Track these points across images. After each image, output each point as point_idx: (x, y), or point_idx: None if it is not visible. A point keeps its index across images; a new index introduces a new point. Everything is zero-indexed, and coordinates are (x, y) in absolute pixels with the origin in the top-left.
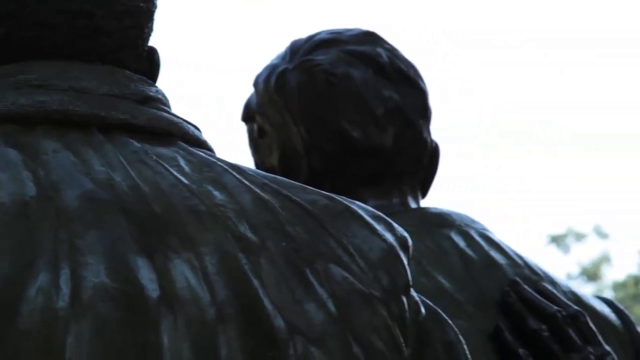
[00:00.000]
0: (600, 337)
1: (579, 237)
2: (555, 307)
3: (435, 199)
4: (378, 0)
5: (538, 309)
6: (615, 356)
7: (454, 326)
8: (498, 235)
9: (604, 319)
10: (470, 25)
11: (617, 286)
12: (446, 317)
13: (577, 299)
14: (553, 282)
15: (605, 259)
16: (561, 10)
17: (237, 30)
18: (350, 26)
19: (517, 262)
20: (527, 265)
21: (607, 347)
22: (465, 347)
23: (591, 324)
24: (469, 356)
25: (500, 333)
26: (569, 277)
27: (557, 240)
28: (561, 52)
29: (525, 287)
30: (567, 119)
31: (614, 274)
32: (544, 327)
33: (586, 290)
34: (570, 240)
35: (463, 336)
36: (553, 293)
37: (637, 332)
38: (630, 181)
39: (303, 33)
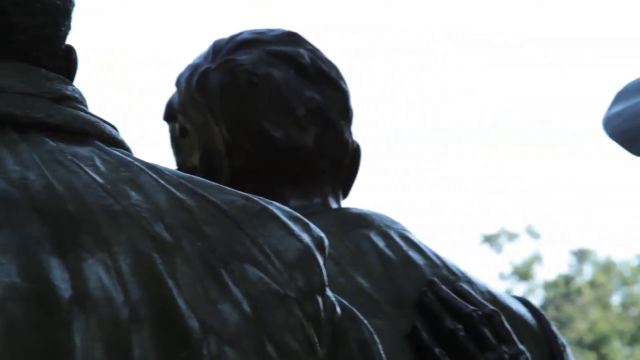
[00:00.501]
0: (515, 337)
1: (512, 236)
2: (471, 307)
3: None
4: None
5: (454, 309)
6: (529, 355)
7: (369, 326)
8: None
9: (519, 319)
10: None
11: (548, 285)
12: (361, 317)
13: (493, 298)
14: (470, 282)
15: (536, 258)
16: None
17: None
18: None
19: (435, 262)
20: (445, 265)
21: (522, 347)
22: (379, 346)
23: (506, 324)
24: (383, 355)
25: (417, 333)
26: (502, 276)
27: (490, 239)
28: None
29: (443, 287)
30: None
31: (546, 273)
32: (460, 326)
33: (518, 290)
34: (502, 240)
35: (380, 336)
36: (470, 293)
37: (552, 331)
38: (561, 181)
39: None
